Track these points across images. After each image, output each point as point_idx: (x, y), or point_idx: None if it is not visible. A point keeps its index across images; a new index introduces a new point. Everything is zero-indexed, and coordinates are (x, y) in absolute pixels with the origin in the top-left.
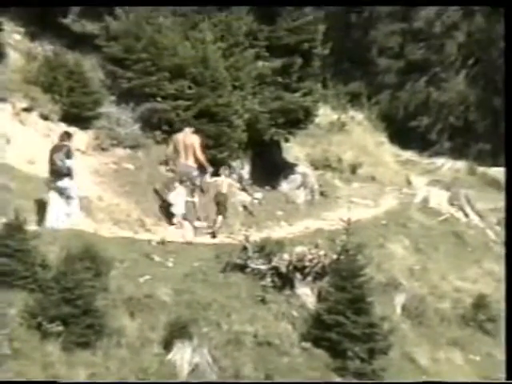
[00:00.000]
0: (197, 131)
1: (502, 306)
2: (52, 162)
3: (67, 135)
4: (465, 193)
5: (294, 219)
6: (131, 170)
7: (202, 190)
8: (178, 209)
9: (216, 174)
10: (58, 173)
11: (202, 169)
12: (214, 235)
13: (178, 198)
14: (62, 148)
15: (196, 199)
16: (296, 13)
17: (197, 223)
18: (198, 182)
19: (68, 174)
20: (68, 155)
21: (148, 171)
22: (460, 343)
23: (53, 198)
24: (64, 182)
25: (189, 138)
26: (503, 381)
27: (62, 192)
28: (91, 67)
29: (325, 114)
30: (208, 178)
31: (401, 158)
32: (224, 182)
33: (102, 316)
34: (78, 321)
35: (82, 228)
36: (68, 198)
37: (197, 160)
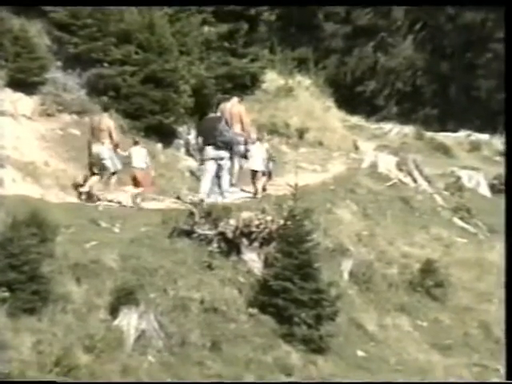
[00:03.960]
0: (143, 96)
1: (450, 271)
2: (216, 134)
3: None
4: (413, 158)
5: (240, 184)
6: (77, 135)
7: (245, 157)
8: (258, 164)
9: None
10: (218, 143)
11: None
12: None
13: (258, 155)
14: (220, 119)
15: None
16: None
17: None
18: (242, 149)
19: (226, 146)
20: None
21: None
22: (407, 309)
23: (209, 169)
24: (221, 153)
25: (236, 108)
26: (504, 381)
27: (218, 163)
28: (37, 33)
29: (272, 79)
30: (252, 146)
31: (348, 123)
32: (266, 147)
33: (47, 282)
34: (23, 287)
35: (28, 193)
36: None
37: (243, 128)
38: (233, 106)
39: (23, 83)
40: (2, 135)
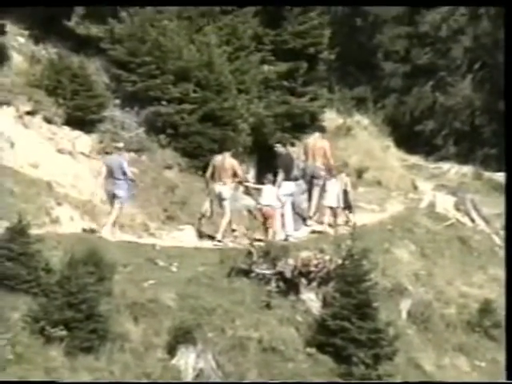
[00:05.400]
0: (201, 135)
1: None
2: (292, 169)
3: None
4: (471, 198)
5: (299, 224)
6: (135, 173)
7: (324, 190)
8: (333, 201)
9: None
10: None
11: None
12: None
13: (333, 191)
14: (291, 156)
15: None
16: (302, 16)
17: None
18: (321, 183)
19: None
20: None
21: (152, 175)
22: (465, 349)
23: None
24: (295, 189)
25: (320, 142)
26: (504, 381)
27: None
28: (95, 70)
29: (330, 118)
30: (333, 180)
31: (407, 163)
32: (345, 180)
33: (105, 321)
34: (81, 325)
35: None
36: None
37: (325, 163)
38: (317, 141)
39: (81, 121)
40: (60, 173)
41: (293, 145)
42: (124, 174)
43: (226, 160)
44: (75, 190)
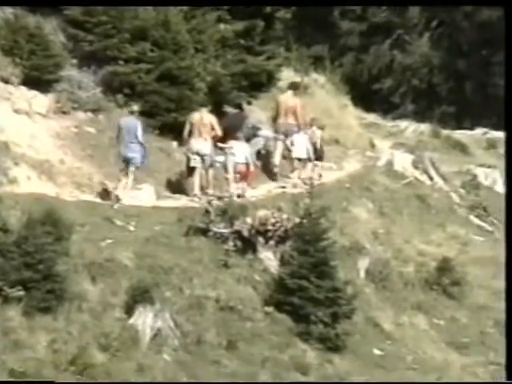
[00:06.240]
0: (158, 94)
1: (466, 269)
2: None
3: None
4: (429, 156)
5: (256, 182)
6: (93, 133)
7: (292, 144)
8: (302, 153)
9: None
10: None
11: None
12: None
13: (301, 143)
14: (244, 115)
15: None
16: None
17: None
18: (293, 139)
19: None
20: None
21: (109, 135)
22: (424, 307)
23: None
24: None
25: (292, 100)
26: (504, 381)
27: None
28: (52, 30)
29: (288, 76)
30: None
31: (364, 121)
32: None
33: (63, 281)
34: (38, 285)
35: (42, 192)
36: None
37: (296, 119)
38: (288, 99)
39: (38, 81)
40: (16, 133)
41: (249, 103)
42: (136, 137)
43: (204, 116)
44: (32, 149)
